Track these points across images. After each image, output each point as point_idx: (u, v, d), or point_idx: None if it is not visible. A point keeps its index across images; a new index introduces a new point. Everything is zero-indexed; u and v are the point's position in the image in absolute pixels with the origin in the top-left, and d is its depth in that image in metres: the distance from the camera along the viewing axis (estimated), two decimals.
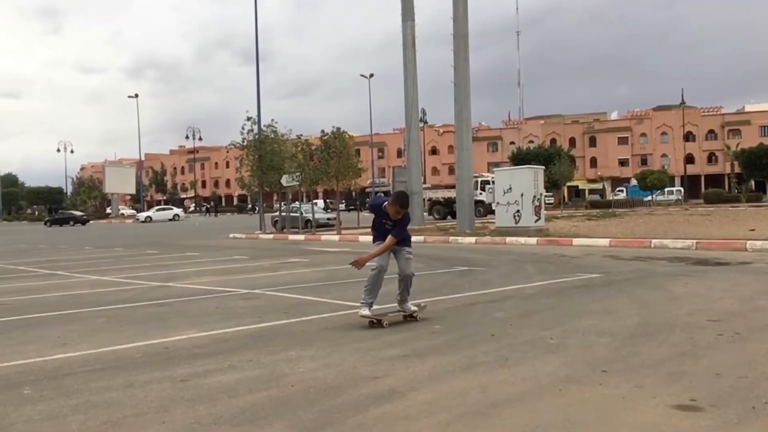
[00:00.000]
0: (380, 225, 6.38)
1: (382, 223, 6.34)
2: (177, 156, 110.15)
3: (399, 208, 6.19)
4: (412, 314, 6.52)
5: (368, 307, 6.24)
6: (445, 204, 37.78)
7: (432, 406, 3.82)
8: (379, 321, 6.23)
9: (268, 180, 27.30)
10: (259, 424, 3.57)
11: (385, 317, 6.37)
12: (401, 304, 6.54)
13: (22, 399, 4.16)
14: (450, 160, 72.84)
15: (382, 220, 6.33)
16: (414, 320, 6.47)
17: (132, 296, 9.17)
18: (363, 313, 6.23)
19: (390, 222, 6.30)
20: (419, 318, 6.52)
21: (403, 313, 6.52)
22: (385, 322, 6.25)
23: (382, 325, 6.16)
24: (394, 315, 6.49)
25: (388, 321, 6.29)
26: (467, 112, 23.35)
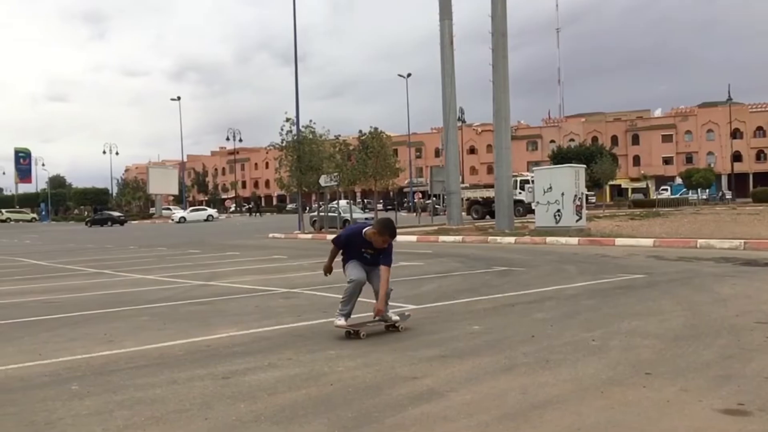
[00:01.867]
0: (356, 253, 5.99)
1: (360, 251, 5.96)
2: (218, 157, 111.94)
3: (387, 238, 5.86)
4: (394, 324, 6.10)
5: (344, 317, 5.89)
6: (483, 203, 37.53)
7: (471, 407, 3.79)
8: (356, 332, 5.85)
9: (306, 180, 27.53)
10: (299, 422, 3.60)
11: (363, 327, 5.95)
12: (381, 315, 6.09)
13: (70, 394, 4.28)
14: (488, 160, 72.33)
15: (361, 249, 5.94)
16: (396, 330, 6.04)
17: (174, 295, 9.35)
18: (338, 324, 5.88)
19: (371, 250, 5.92)
20: (402, 328, 6.08)
21: (384, 323, 6.09)
22: (363, 332, 5.85)
23: (359, 336, 5.77)
24: (373, 325, 6.07)
25: (365, 332, 5.89)
26: (506, 110, 23.14)
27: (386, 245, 5.88)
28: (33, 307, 8.50)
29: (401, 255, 15.35)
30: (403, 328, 6.10)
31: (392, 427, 3.51)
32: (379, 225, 5.91)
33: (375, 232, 5.84)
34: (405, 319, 6.32)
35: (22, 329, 6.89)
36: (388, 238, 5.85)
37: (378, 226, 5.90)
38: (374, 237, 5.84)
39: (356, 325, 5.97)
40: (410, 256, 14.74)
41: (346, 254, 6.12)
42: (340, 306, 5.95)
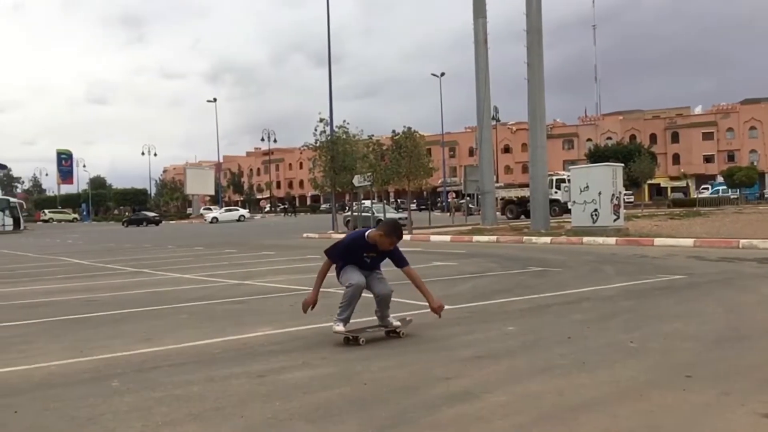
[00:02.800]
0: (356, 258, 5.80)
1: (361, 256, 5.79)
2: (253, 158, 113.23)
3: (395, 239, 5.77)
4: (395, 330, 5.89)
5: (343, 323, 5.67)
6: (518, 203, 37.21)
7: (506, 408, 3.75)
8: (355, 338, 5.64)
9: (340, 180, 27.67)
10: (333, 421, 3.61)
11: (362, 333, 5.74)
12: (382, 319, 5.96)
13: (110, 391, 4.37)
14: (523, 159, 71.63)
15: (363, 253, 5.78)
16: (397, 336, 5.84)
17: (211, 293, 9.48)
18: (337, 329, 5.65)
19: (373, 254, 5.80)
20: (403, 334, 5.86)
21: (384, 329, 5.91)
22: (362, 339, 5.64)
23: (359, 343, 5.57)
24: (373, 331, 5.88)
25: (365, 338, 5.67)
26: (541, 109, 22.91)
27: (392, 247, 5.79)
28: (75, 305, 8.72)
29: (435, 255, 15.31)
30: (404, 334, 5.87)
31: (427, 427, 3.50)
32: (386, 227, 5.81)
33: (381, 234, 5.70)
34: (406, 324, 6.07)
35: (64, 327, 7.08)
36: (396, 240, 5.77)
37: (385, 227, 5.80)
38: (380, 239, 5.70)
39: (355, 331, 5.75)
40: (444, 256, 14.69)
41: (342, 261, 5.88)
42: (338, 311, 5.71)
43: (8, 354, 5.67)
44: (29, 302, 9.20)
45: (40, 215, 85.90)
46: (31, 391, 4.43)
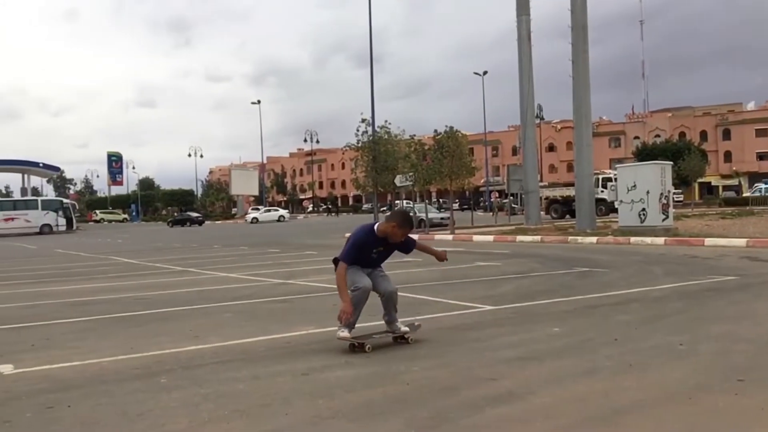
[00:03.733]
0: (363, 257, 5.57)
1: (369, 252, 5.57)
2: (296, 158, 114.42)
3: (408, 230, 5.60)
4: (404, 335, 5.66)
5: (348, 328, 5.42)
6: (563, 202, 36.63)
7: (551, 410, 3.71)
8: (361, 345, 5.40)
9: (382, 180, 27.75)
10: (375, 420, 3.63)
11: (369, 340, 5.50)
12: (390, 324, 5.70)
13: (159, 387, 4.48)
14: (568, 157, 70.51)
15: (372, 249, 5.57)
16: (406, 342, 5.60)
17: (256, 292, 9.62)
18: (341, 335, 5.41)
19: (382, 248, 5.60)
20: (411, 340, 5.63)
21: (392, 335, 5.68)
22: (368, 345, 5.40)
23: (364, 350, 5.33)
24: (380, 337, 5.65)
25: (371, 344, 5.43)
26: (587, 106, 22.52)
27: (404, 239, 5.64)
28: (125, 304, 8.96)
29: (478, 255, 15.22)
30: (413, 340, 5.63)
31: (469, 428, 3.48)
32: (399, 218, 5.61)
33: (394, 226, 5.50)
34: (415, 330, 5.84)
35: (115, 324, 7.28)
36: (408, 230, 5.62)
37: (398, 218, 5.59)
38: (393, 231, 5.49)
39: (361, 337, 5.53)
40: (487, 256, 14.58)
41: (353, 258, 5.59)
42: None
43: (63, 350, 5.87)
44: (82, 300, 9.50)
45: (91, 216, 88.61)
46: (84, 386, 4.57)
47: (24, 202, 56.44)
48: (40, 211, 52.21)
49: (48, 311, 8.44)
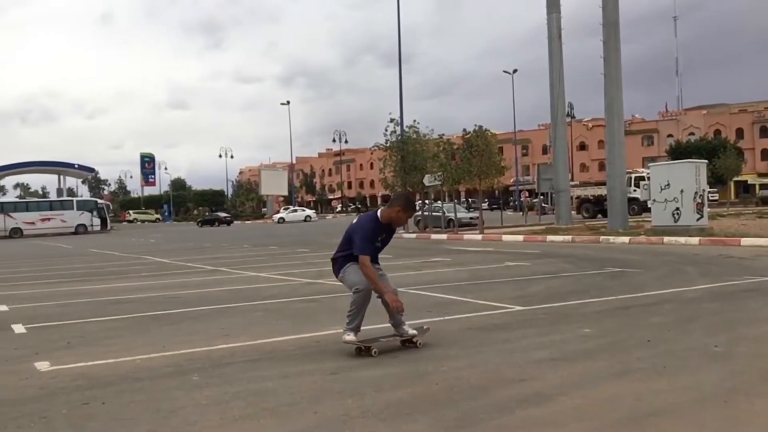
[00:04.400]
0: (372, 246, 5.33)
1: (377, 240, 5.36)
2: (325, 158, 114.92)
3: (412, 213, 5.40)
4: (411, 339, 5.46)
5: (354, 332, 5.27)
6: (594, 202, 36.18)
7: (581, 412, 3.66)
8: (367, 348, 5.25)
9: (410, 180, 27.69)
10: (404, 420, 3.63)
11: (375, 343, 5.34)
12: (397, 327, 5.47)
13: (191, 385, 4.55)
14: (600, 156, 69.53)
15: (378, 237, 5.35)
16: (414, 347, 5.42)
17: (285, 292, 9.69)
18: (347, 339, 5.26)
19: (384, 235, 5.40)
20: (420, 344, 5.45)
21: (400, 338, 5.47)
22: (374, 349, 5.23)
23: (371, 353, 5.19)
24: (387, 340, 5.47)
25: (377, 348, 5.27)
26: (619, 104, 22.21)
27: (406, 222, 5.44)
28: (158, 302, 9.10)
29: (507, 255, 15.11)
30: (421, 344, 5.46)
31: (498, 429, 3.46)
32: (404, 201, 5.41)
33: (400, 210, 5.30)
34: (423, 333, 5.65)
35: (148, 323, 7.40)
36: (413, 213, 5.47)
37: (403, 201, 5.39)
38: (398, 215, 5.31)
39: (368, 340, 5.40)
40: (517, 256, 14.46)
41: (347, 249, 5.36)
42: (347, 320, 5.31)
43: (98, 347, 5.99)
44: (116, 299, 9.68)
45: (125, 216, 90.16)
46: (118, 383, 4.66)
47: (60, 203, 57.72)
48: (76, 212, 53.32)
49: (83, 309, 8.62)
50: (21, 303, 9.46)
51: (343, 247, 5.42)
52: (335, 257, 5.47)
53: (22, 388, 4.60)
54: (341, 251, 5.43)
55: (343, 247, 5.43)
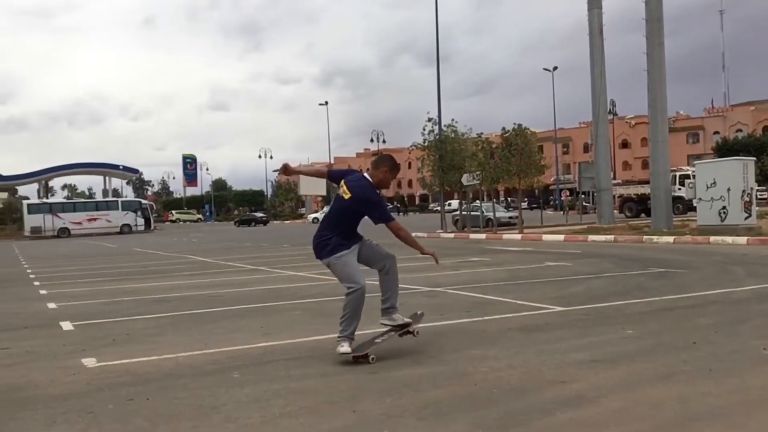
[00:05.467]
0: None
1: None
2: (363, 158, 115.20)
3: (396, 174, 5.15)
4: (406, 327, 5.05)
5: (349, 341, 4.86)
6: (637, 201, 35.47)
7: (624, 415, 3.59)
8: (365, 356, 4.85)
9: (448, 179, 27.60)
10: (443, 420, 3.61)
11: (371, 348, 4.92)
12: (389, 313, 5.01)
13: (231, 382, 4.61)
14: (643, 154, 68.12)
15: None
16: (411, 335, 5.13)
17: (324, 291, 9.75)
18: (342, 351, 4.82)
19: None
20: (417, 332, 5.16)
21: (395, 331, 5.05)
22: (372, 356, 4.86)
23: (368, 361, 4.85)
24: (383, 339, 5.07)
25: (374, 353, 4.89)
26: (662, 101, 21.73)
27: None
28: (199, 301, 9.27)
29: (547, 255, 14.93)
30: (418, 332, 5.21)
31: (538, 430, 3.42)
32: (391, 160, 5.13)
33: (386, 171, 5.02)
34: (419, 319, 5.34)
35: (190, 321, 7.54)
36: (397, 173, 5.23)
37: (389, 161, 5.11)
38: (386, 176, 5.02)
39: (362, 347, 4.98)
40: (557, 256, 14.28)
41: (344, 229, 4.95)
42: (341, 326, 4.89)
43: (142, 345, 6.13)
44: (160, 297, 9.89)
45: (168, 216, 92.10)
46: (162, 380, 4.76)
47: (105, 203, 59.36)
48: (121, 212, 54.75)
49: (128, 307, 8.83)
50: (69, 301, 9.74)
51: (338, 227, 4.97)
52: (325, 238, 4.97)
53: (70, 384, 4.74)
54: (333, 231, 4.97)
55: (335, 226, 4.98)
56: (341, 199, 5.00)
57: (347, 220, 5.02)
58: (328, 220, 5.07)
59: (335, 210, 5.06)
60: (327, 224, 5.06)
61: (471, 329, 6.25)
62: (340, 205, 5.02)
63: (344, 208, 4.99)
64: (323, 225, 5.10)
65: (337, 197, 5.06)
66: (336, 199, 5.06)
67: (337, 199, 5.06)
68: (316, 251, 5.09)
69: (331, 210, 5.09)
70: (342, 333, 4.92)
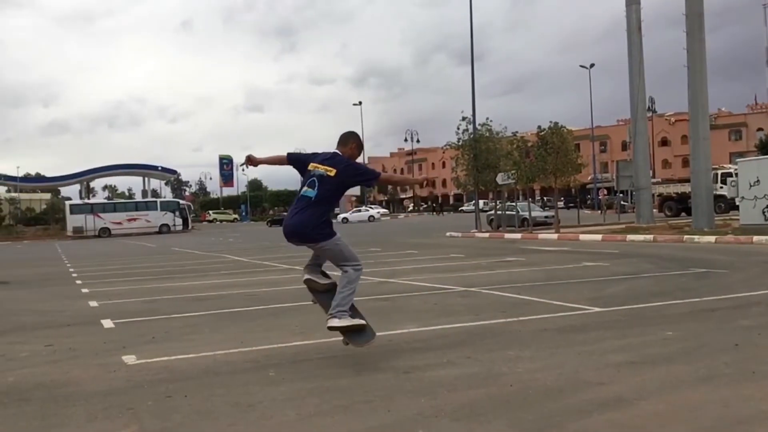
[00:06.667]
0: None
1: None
2: (397, 158, 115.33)
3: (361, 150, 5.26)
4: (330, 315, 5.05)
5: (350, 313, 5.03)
6: (677, 200, 34.73)
7: (663, 418, 3.52)
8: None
9: (483, 178, 27.42)
10: (479, 421, 3.59)
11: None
12: (313, 272, 5.37)
13: (267, 380, 4.66)
14: (684, 152, 66.67)
15: None
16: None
17: (358, 290, 9.76)
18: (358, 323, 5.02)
19: None
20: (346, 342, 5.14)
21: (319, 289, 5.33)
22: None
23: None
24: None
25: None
26: (703, 97, 21.22)
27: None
28: (236, 299, 9.38)
29: (584, 255, 14.71)
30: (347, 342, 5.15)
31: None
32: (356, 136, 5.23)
33: (355, 146, 5.14)
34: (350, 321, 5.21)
35: (227, 319, 7.64)
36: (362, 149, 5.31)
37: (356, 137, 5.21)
38: (354, 152, 5.15)
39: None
40: (595, 256, 14.06)
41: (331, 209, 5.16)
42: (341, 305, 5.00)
43: (180, 342, 6.24)
44: (197, 296, 10.04)
45: (205, 216, 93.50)
46: (199, 377, 4.83)
47: (145, 204, 60.61)
48: (159, 212, 55.80)
49: (166, 306, 8.99)
50: (109, 299, 9.97)
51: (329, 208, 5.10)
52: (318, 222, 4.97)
53: (111, 381, 4.85)
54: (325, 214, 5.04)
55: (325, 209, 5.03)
56: (327, 179, 4.95)
57: (335, 198, 5.08)
58: (317, 203, 4.96)
59: (325, 191, 4.96)
60: (315, 207, 4.96)
61: (506, 330, 6.20)
62: (328, 185, 4.96)
63: (334, 186, 4.98)
64: (309, 209, 4.96)
65: (318, 180, 4.96)
66: (319, 182, 4.95)
67: (320, 181, 4.95)
68: (308, 236, 5.04)
69: (319, 193, 4.95)
70: (341, 309, 4.95)
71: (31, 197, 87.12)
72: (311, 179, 4.97)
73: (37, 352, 6.09)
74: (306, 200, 4.96)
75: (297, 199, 5.04)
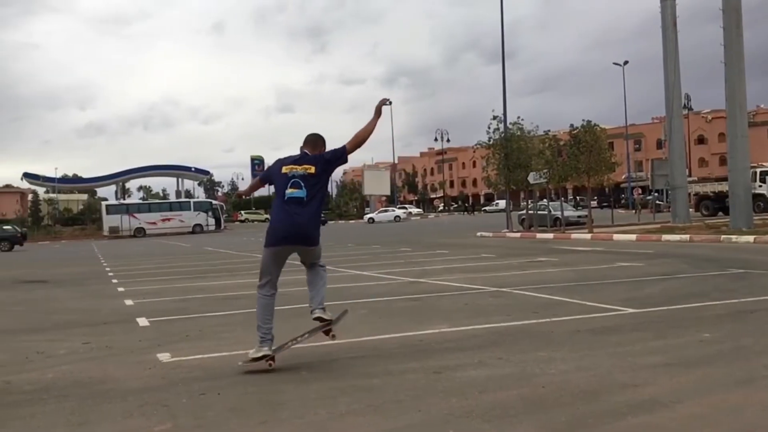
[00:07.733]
0: None
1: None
2: (426, 158, 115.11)
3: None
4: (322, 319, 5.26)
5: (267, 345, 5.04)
6: (714, 199, 34.01)
7: (700, 421, 3.45)
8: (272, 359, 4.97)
9: (514, 178, 27.21)
10: (510, 422, 3.56)
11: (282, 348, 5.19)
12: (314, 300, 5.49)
13: (299, 379, 4.70)
14: (721, 150, 65.21)
15: None
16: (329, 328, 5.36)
17: (389, 290, 9.79)
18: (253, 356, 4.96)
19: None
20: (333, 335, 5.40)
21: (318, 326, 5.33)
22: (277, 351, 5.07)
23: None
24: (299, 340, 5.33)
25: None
26: (741, 94, 20.74)
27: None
28: None
29: (619, 255, 14.50)
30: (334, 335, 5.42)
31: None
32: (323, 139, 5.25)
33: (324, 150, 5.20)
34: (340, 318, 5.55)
35: None
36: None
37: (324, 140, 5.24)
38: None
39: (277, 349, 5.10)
40: (629, 256, 13.85)
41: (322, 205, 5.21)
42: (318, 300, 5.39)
43: (213, 341, 6.32)
44: (229, 294, 10.16)
45: (237, 216, 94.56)
46: (233, 375, 4.89)
47: (178, 204, 61.67)
48: (193, 212, 56.67)
49: (200, 304, 9.12)
50: (145, 298, 10.15)
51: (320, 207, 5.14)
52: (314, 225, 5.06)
53: (146, 378, 4.93)
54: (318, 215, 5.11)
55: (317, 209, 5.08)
56: (310, 177, 4.93)
57: (323, 193, 5.15)
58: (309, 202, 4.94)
59: (312, 188, 4.94)
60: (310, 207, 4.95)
61: (538, 330, 6.14)
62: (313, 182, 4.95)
63: (319, 181, 5.02)
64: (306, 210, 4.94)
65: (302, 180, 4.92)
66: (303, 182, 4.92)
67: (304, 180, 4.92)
68: (311, 237, 5.11)
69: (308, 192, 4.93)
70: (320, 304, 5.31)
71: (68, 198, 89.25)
72: (293, 180, 4.92)
73: (74, 349, 6.23)
74: (297, 201, 4.91)
75: (284, 202, 4.93)
